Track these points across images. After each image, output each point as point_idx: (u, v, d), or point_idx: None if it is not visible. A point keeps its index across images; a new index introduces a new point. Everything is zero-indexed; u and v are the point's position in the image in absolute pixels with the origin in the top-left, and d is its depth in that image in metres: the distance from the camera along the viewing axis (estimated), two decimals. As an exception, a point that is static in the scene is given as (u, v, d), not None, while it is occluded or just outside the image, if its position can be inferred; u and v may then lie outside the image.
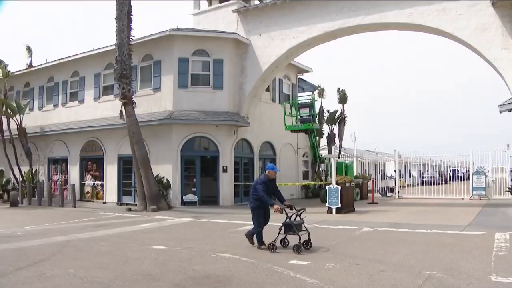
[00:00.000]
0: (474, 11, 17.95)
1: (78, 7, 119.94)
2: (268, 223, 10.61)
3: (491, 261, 8.80)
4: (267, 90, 26.35)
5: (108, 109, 24.49)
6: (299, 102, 27.76)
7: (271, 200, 10.15)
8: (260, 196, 10.14)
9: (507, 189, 23.88)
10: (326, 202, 19.07)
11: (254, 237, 10.58)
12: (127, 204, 23.12)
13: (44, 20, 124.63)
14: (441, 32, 19.06)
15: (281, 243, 10.26)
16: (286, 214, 10.01)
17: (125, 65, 20.33)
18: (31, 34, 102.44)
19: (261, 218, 10.42)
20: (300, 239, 9.77)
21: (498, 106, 16.47)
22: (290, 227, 10.00)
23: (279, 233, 10.13)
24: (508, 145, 25.77)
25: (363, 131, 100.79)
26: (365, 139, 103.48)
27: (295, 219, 10.06)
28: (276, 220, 10.64)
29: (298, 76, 30.57)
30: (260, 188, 10.20)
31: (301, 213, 10.17)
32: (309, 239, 10.12)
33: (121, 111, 20.84)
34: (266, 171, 10.66)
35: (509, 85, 17.28)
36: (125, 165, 24.34)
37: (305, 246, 9.97)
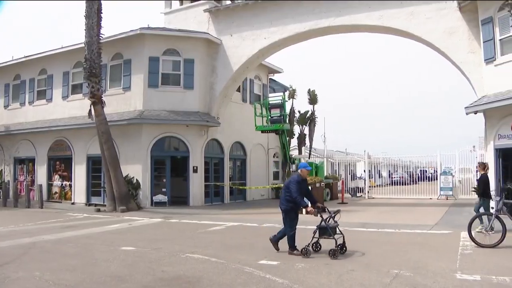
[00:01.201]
0: (442, 15, 18.29)
1: (47, 4, 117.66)
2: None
3: (456, 259, 9.02)
4: (238, 90, 26.33)
5: (77, 108, 24.05)
6: (270, 102, 27.81)
7: (304, 202, 9.54)
8: (293, 197, 9.48)
9: (473, 189, 24.39)
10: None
11: (280, 242, 9.94)
12: (96, 205, 22.83)
13: (13, 17, 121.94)
14: (410, 35, 19.36)
15: (312, 247, 9.67)
16: (321, 216, 9.49)
17: (95, 63, 20.06)
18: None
19: (294, 221, 9.78)
20: (336, 243, 9.31)
21: (465, 108, 16.82)
22: (325, 231, 9.46)
23: (313, 237, 9.59)
24: (474, 146, 26.36)
25: (335, 132, 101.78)
26: (337, 140, 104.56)
27: (328, 222, 9.54)
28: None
29: (269, 77, 30.64)
30: (294, 188, 9.51)
31: (335, 215, 9.70)
32: (344, 242, 9.57)
33: (90, 110, 20.56)
34: (299, 170, 10.03)
35: (475, 87, 17.66)
36: (94, 165, 23.97)
37: (340, 250, 9.41)
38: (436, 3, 18.38)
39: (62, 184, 25.66)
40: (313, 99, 32.74)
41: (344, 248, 9.56)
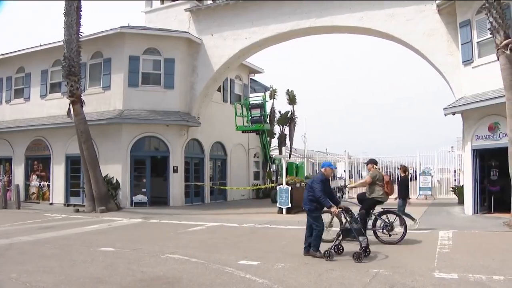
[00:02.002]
0: (422, 17, 18.48)
1: (26, 2, 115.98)
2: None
3: (434, 258, 9.15)
4: (219, 90, 26.28)
5: (56, 107, 23.75)
6: (250, 102, 27.81)
7: (329, 202, 9.15)
8: (317, 197, 9.14)
9: (451, 189, 24.77)
10: (276, 202, 19.23)
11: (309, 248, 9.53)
12: (75, 205, 22.58)
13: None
14: (390, 36, 19.52)
15: (334, 249, 9.30)
16: (346, 218, 9.25)
17: (74, 62, 19.81)
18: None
19: (321, 219, 9.49)
20: (361, 245, 8.98)
21: (443, 109, 17.05)
22: (349, 232, 9.22)
23: (336, 239, 9.34)
24: (452, 147, 26.74)
25: (317, 133, 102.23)
26: (318, 140, 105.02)
27: (351, 223, 9.27)
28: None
29: (250, 77, 30.65)
30: (317, 187, 9.18)
31: (358, 216, 9.43)
32: (368, 244, 9.20)
33: (69, 109, 20.29)
34: (322, 169, 9.73)
35: (453, 89, 17.92)
36: (73, 165, 23.70)
37: (364, 253, 9.04)
38: (416, 5, 18.58)
39: (40, 184, 25.32)
40: (291, 99, 32.85)
41: (368, 250, 9.23)
